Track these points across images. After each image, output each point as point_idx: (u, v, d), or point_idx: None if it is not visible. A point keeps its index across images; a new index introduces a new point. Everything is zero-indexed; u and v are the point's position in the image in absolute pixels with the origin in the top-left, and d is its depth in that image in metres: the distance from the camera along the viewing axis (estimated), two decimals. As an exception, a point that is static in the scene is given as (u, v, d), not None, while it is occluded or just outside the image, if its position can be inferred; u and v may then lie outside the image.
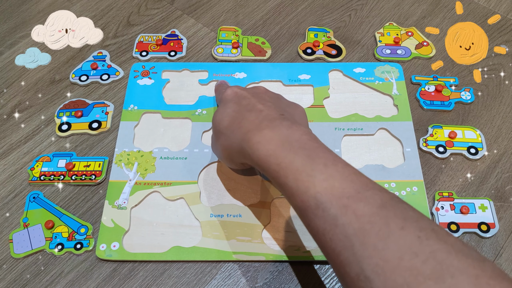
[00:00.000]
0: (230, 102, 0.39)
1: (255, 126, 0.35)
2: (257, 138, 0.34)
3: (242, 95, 0.39)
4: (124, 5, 0.61)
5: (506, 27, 0.57)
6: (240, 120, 0.36)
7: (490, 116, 0.49)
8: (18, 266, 0.40)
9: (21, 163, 0.47)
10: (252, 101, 0.38)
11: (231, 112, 0.38)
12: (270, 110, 0.36)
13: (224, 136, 0.37)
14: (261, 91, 0.40)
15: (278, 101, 0.40)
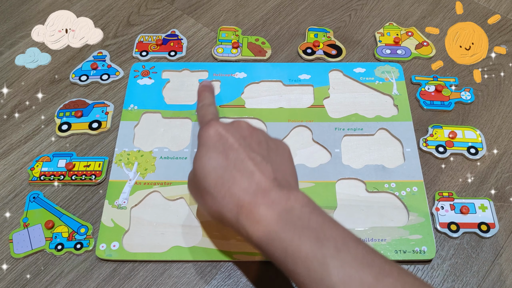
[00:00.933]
0: (215, 151, 0.34)
1: (249, 198, 0.31)
2: (255, 216, 0.31)
3: (228, 143, 0.34)
4: (124, 5, 0.61)
5: (506, 27, 0.57)
6: (230, 183, 0.32)
7: (490, 116, 0.49)
8: (18, 266, 0.40)
9: (21, 163, 0.47)
10: (240, 155, 0.33)
11: (217, 166, 0.33)
12: (262, 174, 0.32)
13: (211, 197, 0.33)
14: (246, 133, 0.35)
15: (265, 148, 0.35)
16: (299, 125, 0.48)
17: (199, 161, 0.34)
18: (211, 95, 0.42)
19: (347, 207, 0.43)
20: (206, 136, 0.35)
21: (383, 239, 0.40)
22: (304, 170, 0.45)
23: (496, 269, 0.40)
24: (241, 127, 0.36)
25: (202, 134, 0.35)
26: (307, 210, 0.31)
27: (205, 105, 0.40)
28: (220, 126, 0.35)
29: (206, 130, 0.35)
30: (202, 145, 0.35)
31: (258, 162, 0.33)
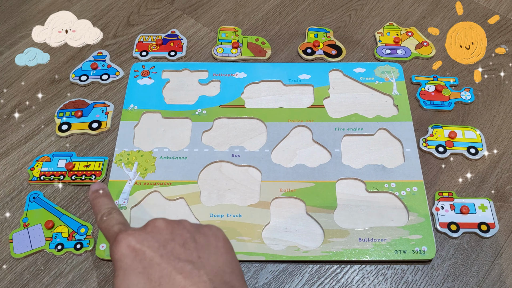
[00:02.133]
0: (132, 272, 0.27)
1: None
2: None
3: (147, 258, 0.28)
4: (124, 5, 0.61)
5: (506, 27, 0.57)
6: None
7: (490, 116, 0.49)
8: (18, 266, 0.40)
9: (21, 163, 0.47)
10: (165, 271, 0.27)
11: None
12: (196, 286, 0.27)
13: None
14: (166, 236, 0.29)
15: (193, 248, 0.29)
16: (299, 125, 0.48)
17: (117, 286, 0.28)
18: (107, 200, 0.34)
19: (347, 207, 0.43)
20: (119, 255, 0.28)
21: (383, 239, 0.40)
22: (304, 170, 0.45)
23: (496, 269, 0.40)
24: (158, 231, 0.29)
25: (113, 254, 0.29)
26: None
27: (105, 215, 0.32)
28: (132, 238, 0.28)
29: (116, 248, 0.28)
30: (117, 268, 0.28)
31: (188, 273, 0.27)
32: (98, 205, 0.34)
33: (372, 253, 0.40)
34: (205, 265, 0.28)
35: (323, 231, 0.41)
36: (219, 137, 0.48)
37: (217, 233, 0.31)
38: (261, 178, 0.44)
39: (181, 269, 0.27)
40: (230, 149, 0.46)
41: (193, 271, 0.27)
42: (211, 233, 0.31)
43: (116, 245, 0.29)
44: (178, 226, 0.30)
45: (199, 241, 0.30)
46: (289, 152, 0.46)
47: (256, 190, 0.44)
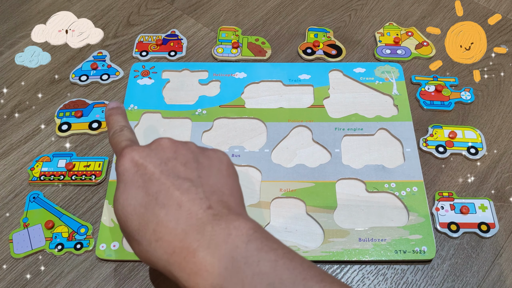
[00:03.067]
0: (132, 185, 0.28)
1: (180, 242, 0.26)
2: (191, 267, 0.25)
3: (148, 172, 0.28)
4: (124, 5, 0.61)
5: (506, 27, 0.57)
6: (154, 223, 0.27)
7: (490, 116, 0.49)
8: (18, 266, 0.40)
9: (21, 163, 0.47)
10: (163, 186, 0.27)
11: (136, 205, 0.28)
12: (191, 204, 0.27)
13: (137, 243, 0.28)
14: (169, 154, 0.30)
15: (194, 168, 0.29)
16: (299, 125, 0.48)
17: (117, 202, 0.29)
18: (122, 117, 0.35)
19: (347, 207, 0.43)
20: (121, 169, 0.29)
21: (383, 239, 0.40)
22: (304, 170, 0.45)
23: (496, 269, 0.40)
24: (162, 148, 0.30)
25: (117, 167, 0.30)
26: (253, 247, 0.25)
27: (116, 132, 0.33)
28: (136, 153, 0.29)
29: (120, 161, 0.29)
30: (119, 181, 0.29)
31: (186, 189, 0.27)
32: (112, 122, 0.35)
33: (372, 253, 0.40)
34: (203, 184, 0.28)
35: (323, 231, 0.41)
36: (219, 137, 0.48)
37: (222, 157, 0.31)
38: (261, 178, 0.44)
39: (179, 186, 0.27)
40: (230, 149, 0.46)
41: (191, 188, 0.27)
42: (215, 156, 0.31)
43: (121, 159, 0.29)
44: (183, 146, 0.30)
45: (201, 162, 0.30)
46: (289, 152, 0.46)
47: (256, 190, 0.44)
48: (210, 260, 0.24)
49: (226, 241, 0.25)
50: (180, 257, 0.25)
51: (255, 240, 0.25)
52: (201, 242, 0.25)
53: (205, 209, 0.26)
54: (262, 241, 0.25)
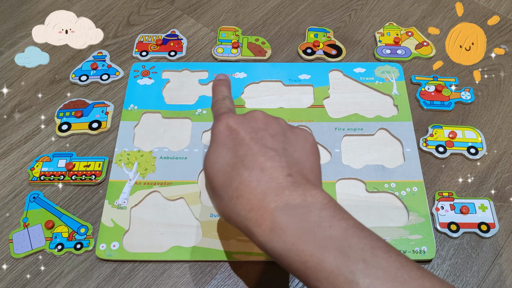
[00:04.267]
0: (223, 146, 0.31)
1: (259, 201, 0.28)
2: (267, 224, 0.27)
3: (239, 137, 0.31)
4: (124, 5, 0.61)
5: (506, 27, 0.57)
6: (237, 182, 0.29)
7: (490, 116, 0.49)
8: (18, 266, 0.40)
9: (21, 163, 0.47)
10: (250, 151, 0.30)
11: (224, 164, 0.30)
12: (273, 170, 0.29)
13: (219, 198, 0.30)
14: (260, 125, 0.32)
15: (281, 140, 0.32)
16: (299, 125, 0.48)
17: (207, 159, 0.32)
18: (226, 88, 0.38)
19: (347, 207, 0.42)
20: (216, 131, 0.32)
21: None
22: (304, 170, 0.45)
23: (496, 269, 0.40)
24: (255, 119, 0.33)
25: (213, 129, 0.33)
26: (327, 214, 0.27)
27: (219, 100, 0.37)
28: (231, 119, 0.32)
29: (216, 124, 0.33)
30: (212, 141, 0.32)
31: (270, 157, 0.29)
32: (217, 91, 0.38)
33: (372, 253, 0.40)
34: (287, 155, 0.30)
35: (323, 231, 0.41)
36: (219, 137, 0.47)
37: (308, 136, 0.33)
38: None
39: (265, 153, 0.30)
40: (230, 149, 0.46)
41: (275, 156, 0.30)
42: (302, 134, 0.33)
43: (217, 122, 0.32)
44: (274, 120, 0.33)
45: (288, 137, 0.32)
46: (289, 152, 0.46)
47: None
48: (285, 220, 0.26)
49: (301, 206, 0.27)
50: (258, 214, 0.27)
51: (328, 209, 0.27)
52: (278, 203, 0.27)
53: (285, 176, 0.28)
54: (334, 211, 0.27)
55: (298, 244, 0.26)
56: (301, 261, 0.26)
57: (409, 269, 0.25)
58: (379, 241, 0.26)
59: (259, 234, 0.27)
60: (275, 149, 0.30)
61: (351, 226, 0.26)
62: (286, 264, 0.26)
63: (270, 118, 0.33)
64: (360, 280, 0.24)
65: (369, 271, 0.24)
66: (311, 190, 0.28)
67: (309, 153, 0.32)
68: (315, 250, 0.25)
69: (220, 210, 0.31)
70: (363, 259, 0.25)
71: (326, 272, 0.25)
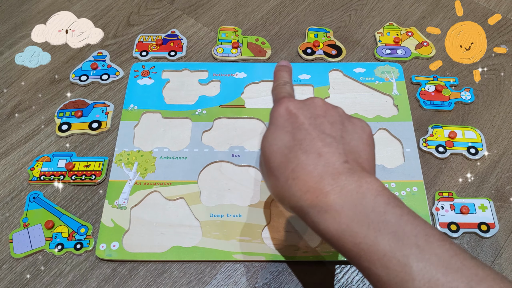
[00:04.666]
0: (282, 129, 0.32)
1: (315, 183, 0.28)
2: (321, 204, 0.28)
3: (298, 121, 0.32)
4: (124, 5, 0.61)
5: (506, 27, 0.57)
6: (294, 164, 0.30)
7: (490, 116, 0.49)
8: (18, 266, 0.40)
9: (21, 163, 0.47)
10: (309, 135, 0.31)
11: (282, 146, 0.31)
12: (330, 155, 0.29)
13: (275, 179, 0.31)
14: (319, 112, 0.33)
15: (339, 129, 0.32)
16: (299, 125, 0.48)
17: (265, 140, 0.32)
18: (287, 74, 0.39)
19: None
20: (276, 114, 0.33)
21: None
22: (304, 170, 0.45)
23: (496, 269, 0.40)
24: (314, 105, 0.33)
25: (272, 112, 0.33)
26: (381, 200, 0.27)
27: (279, 85, 0.37)
28: (291, 103, 0.33)
29: (276, 108, 0.33)
30: (271, 124, 0.33)
31: (328, 143, 0.30)
32: (278, 76, 0.38)
33: (372, 253, 0.40)
34: (344, 143, 0.31)
35: (323, 231, 0.41)
36: (219, 137, 0.48)
37: (365, 127, 0.33)
38: (261, 178, 0.44)
39: (322, 139, 0.30)
40: (230, 149, 0.46)
41: (333, 143, 0.30)
42: (360, 124, 0.33)
43: (278, 106, 0.33)
44: (333, 109, 0.33)
45: (346, 126, 0.32)
46: (289, 152, 0.46)
47: (256, 190, 0.44)
48: (340, 202, 0.27)
49: (357, 191, 0.27)
50: (313, 196, 0.28)
51: (383, 196, 0.27)
52: (334, 187, 0.28)
53: (341, 162, 0.29)
54: (389, 198, 0.27)
55: (352, 226, 0.26)
56: (354, 242, 0.26)
57: (463, 257, 0.25)
58: (433, 229, 0.26)
59: (314, 215, 0.28)
60: (333, 136, 0.31)
61: (405, 213, 0.27)
62: (339, 244, 0.27)
63: (329, 106, 0.34)
64: (413, 264, 0.24)
65: (422, 256, 0.24)
66: (367, 177, 0.28)
67: (365, 143, 0.32)
68: (369, 233, 0.26)
69: (274, 190, 0.32)
70: (416, 245, 0.25)
71: (379, 254, 0.25)
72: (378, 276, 0.25)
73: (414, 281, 0.24)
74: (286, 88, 0.36)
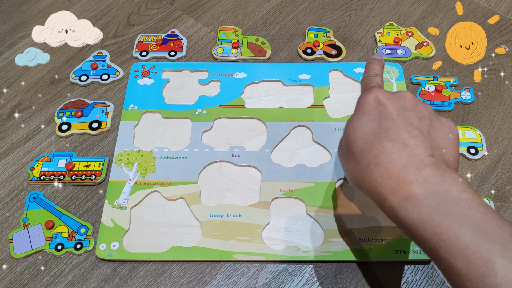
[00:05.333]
0: (369, 116, 0.32)
1: (398, 170, 0.29)
2: (403, 192, 0.28)
3: (386, 111, 0.32)
4: (124, 5, 0.61)
5: (506, 27, 0.57)
6: (378, 151, 0.30)
7: (490, 116, 0.49)
8: (18, 266, 0.40)
9: (21, 163, 0.47)
10: (396, 125, 0.31)
11: (367, 132, 0.31)
12: (416, 147, 0.29)
13: (356, 163, 0.32)
14: (408, 105, 0.33)
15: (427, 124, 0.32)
16: (299, 125, 0.48)
17: (350, 125, 0.33)
18: (379, 68, 0.39)
19: (347, 207, 0.43)
20: (364, 101, 0.34)
21: (383, 239, 0.40)
22: (304, 170, 0.45)
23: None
24: (404, 98, 0.33)
25: (361, 99, 0.34)
26: (466, 196, 0.27)
27: (370, 75, 0.38)
28: (381, 93, 0.33)
29: (365, 95, 0.34)
30: (358, 110, 0.34)
31: (415, 136, 0.30)
32: (370, 67, 0.39)
33: (372, 253, 0.40)
34: (430, 138, 0.31)
35: (323, 231, 0.41)
36: (219, 137, 0.48)
37: (452, 126, 0.33)
38: (261, 178, 0.44)
39: (409, 131, 0.31)
40: (230, 149, 0.46)
41: (419, 136, 0.30)
42: (447, 123, 0.33)
43: (367, 94, 0.34)
44: (422, 104, 0.34)
45: (434, 123, 0.33)
46: (289, 152, 0.46)
47: (256, 190, 0.44)
48: (423, 192, 0.27)
49: (441, 184, 0.27)
50: (395, 183, 0.28)
51: (468, 192, 0.27)
52: (417, 177, 0.28)
53: (427, 155, 0.29)
54: (473, 195, 0.27)
55: (435, 216, 0.26)
56: (435, 232, 0.26)
57: None
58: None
59: (393, 201, 0.28)
60: (420, 129, 0.31)
61: (490, 212, 0.26)
62: (417, 233, 0.27)
63: (418, 101, 0.34)
64: (497, 260, 0.24)
65: (507, 254, 0.24)
66: (451, 173, 0.28)
67: (451, 143, 0.32)
68: (452, 224, 0.26)
69: (352, 174, 0.32)
70: (501, 243, 0.25)
71: (461, 246, 0.25)
72: (457, 268, 0.25)
73: (496, 277, 0.24)
74: (377, 80, 0.37)
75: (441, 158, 0.30)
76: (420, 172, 0.28)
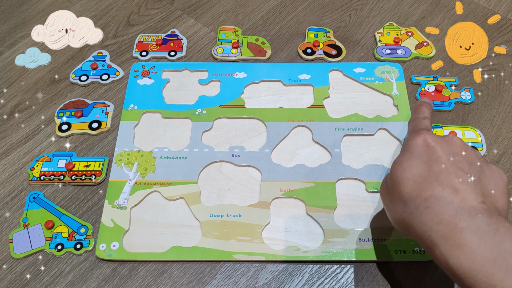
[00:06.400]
0: (418, 158, 0.32)
1: (449, 217, 0.28)
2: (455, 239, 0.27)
3: (436, 154, 0.32)
4: (124, 5, 0.61)
5: (506, 27, 0.57)
6: (428, 194, 0.30)
7: (490, 116, 0.49)
8: (18, 266, 0.40)
9: (21, 163, 0.47)
10: (446, 170, 0.31)
11: (416, 174, 0.31)
12: (467, 193, 0.29)
13: (403, 205, 0.31)
14: (457, 150, 0.33)
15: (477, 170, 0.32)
16: (299, 125, 0.48)
17: (398, 165, 0.33)
18: (428, 111, 0.40)
19: (347, 207, 0.43)
20: (413, 143, 0.34)
21: (383, 239, 0.40)
22: (304, 170, 0.45)
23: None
24: (453, 143, 0.33)
25: (409, 141, 0.34)
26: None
27: (419, 118, 0.39)
28: (430, 137, 0.33)
29: (414, 137, 0.34)
30: (406, 151, 0.34)
31: (465, 181, 0.30)
32: (419, 110, 0.40)
33: (372, 253, 0.40)
34: (481, 185, 0.31)
35: (323, 231, 0.41)
36: (219, 137, 0.48)
37: (503, 175, 0.33)
38: (261, 178, 0.44)
39: (460, 176, 0.30)
40: (230, 149, 0.46)
41: (470, 182, 0.30)
42: (498, 171, 0.33)
43: (416, 136, 0.34)
44: (472, 150, 0.34)
45: (484, 169, 0.32)
46: (289, 152, 0.46)
47: (256, 190, 0.44)
48: (476, 241, 0.27)
49: (494, 233, 0.27)
50: (446, 229, 0.28)
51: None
52: (469, 225, 0.27)
53: (479, 202, 0.29)
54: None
55: (488, 266, 0.26)
56: (488, 283, 0.26)
57: None
58: None
59: (444, 248, 0.28)
60: (471, 175, 0.31)
61: None
62: (469, 282, 0.27)
63: (468, 147, 0.34)
64: None
65: None
66: (504, 222, 0.28)
67: (501, 191, 0.32)
68: (507, 277, 0.25)
69: (399, 216, 0.32)
70: None
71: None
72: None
73: None
74: (425, 123, 0.38)
75: (493, 206, 0.30)
76: (472, 219, 0.28)
